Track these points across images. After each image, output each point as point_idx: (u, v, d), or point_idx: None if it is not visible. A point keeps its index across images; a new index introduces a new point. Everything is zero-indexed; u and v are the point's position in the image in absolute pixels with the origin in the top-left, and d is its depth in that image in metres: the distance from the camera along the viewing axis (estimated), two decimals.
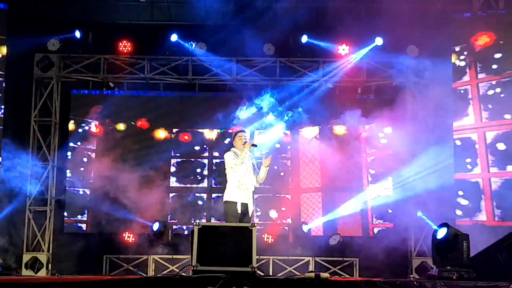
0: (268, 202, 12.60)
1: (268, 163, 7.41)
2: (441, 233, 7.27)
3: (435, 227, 7.81)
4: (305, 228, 11.60)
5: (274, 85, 11.85)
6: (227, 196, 7.39)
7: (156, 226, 11.28)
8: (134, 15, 12.24)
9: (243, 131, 7.64)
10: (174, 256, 11.07)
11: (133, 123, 12.64)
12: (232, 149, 7.58)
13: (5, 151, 11.26)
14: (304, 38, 11.60)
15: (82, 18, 12.03)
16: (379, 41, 11.43)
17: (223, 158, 7.61)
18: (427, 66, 11.28)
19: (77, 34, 11.48)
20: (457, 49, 11.21)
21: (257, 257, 6.11)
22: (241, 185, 7.36)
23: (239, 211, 7.26)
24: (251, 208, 7.41)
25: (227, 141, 12.30)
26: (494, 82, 10.80)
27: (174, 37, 11.57)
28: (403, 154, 11.50)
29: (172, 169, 12.91)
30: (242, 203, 7.28)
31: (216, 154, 12.74)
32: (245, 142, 7.45)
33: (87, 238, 12.06)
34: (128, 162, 12.16)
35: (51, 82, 11.48)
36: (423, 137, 11.24)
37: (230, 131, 11.18)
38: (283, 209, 12.53)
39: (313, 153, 12.93)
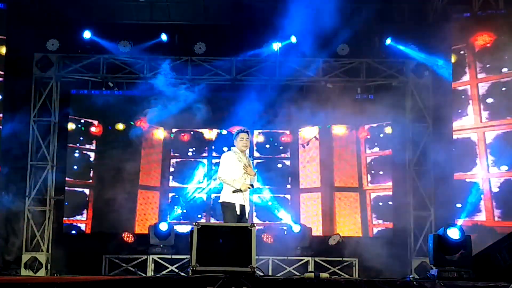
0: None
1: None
2: (453, 233, 7.21)
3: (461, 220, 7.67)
4: (295, 229, 11.56)
5: (273, 84, 11.85)
6: (225, 197, 7.22)
7: (164, 227, 11.17)
8: (134, 15, 12.22)
9: (245, 132, 7.39)
10: (173, 256, 11.05)
11: (132, 123, 12.64)
12: (233, 148, 7.45)
13: (4, 151, 11.25)
14: (293, 39, 11.55)
15: (82, 18, 12.02)
16: (388, 41, 11.35)
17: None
18: (427, 66, 11.27)
19: (87, 35, 11.42)
20: (456, 49, 11.20)
21: (257, 257, 6.09)
22: (238, 186, 7.17)
23: (238, 213, 7.14)
24: (248, 209, 7.26)
25: (227, 141, 12.30)
26: (494, 82, 10.79)
27: (163, 37, 11.53)
28: (402, 154, 11.50)
29: (172, 169, 12.92)
30: (240, 205, 7.14)
31: (215, 154, 12.74)
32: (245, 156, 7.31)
33: (86, 238, 12.06)
34: (127, 162, 12.17)
35: (50, 82, 11.46)
36: (423, 137, 11.24)
37: (231, 131, 11.20)
38: (283, 209, 12.53)
39: (313, 153, 12.93)
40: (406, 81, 11.48)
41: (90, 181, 12.56)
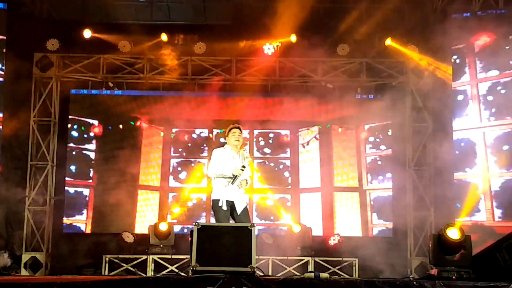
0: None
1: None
2: (453, 233, 7.20)
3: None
4: (295, 229, 11.57)
5: (273, 84, 11.85)
6: (214, 194, 7.18)
7: (164, 227, 11.15)
8: (134, 15, 12.21)
9: (237, 127, 7.38)
10: (173, 256, 11.04)
11: (132, 123, 12.64)
12: (226, 145, 7.40)
13: (4, 151, 11.25)
14: (293, 38, 11.50)
15: (82, 18, 12.02)
16: (388, 41, 11.33)
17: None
18: (427, 66, 11.27)
19: (87, 34, 11.41)
20: (457, 49, 11.21)
21: (257, 257, 6.09)
22: (227, 182, 7.09)
23: (225, 208, 7.05)
24: (241, 205, 7.12)
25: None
26: (494, 82, 10.79)
27: (164, 37, 11.51)
28: (402, 154, 11.49)
29: (172, 169, 12.92)
30: (227, 200, 7.04)
31: None
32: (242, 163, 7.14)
33: (86, 238, 12.05)
34: (127, 162, 12.17)
35: (50, 82, 11.45)
36: (423, 137, 11.23)
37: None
38: (283, 209, 12.53)
39: (313, 153, 12.93)
40: (406, 81, 11.47)
41: (90, 181, 12.56)
